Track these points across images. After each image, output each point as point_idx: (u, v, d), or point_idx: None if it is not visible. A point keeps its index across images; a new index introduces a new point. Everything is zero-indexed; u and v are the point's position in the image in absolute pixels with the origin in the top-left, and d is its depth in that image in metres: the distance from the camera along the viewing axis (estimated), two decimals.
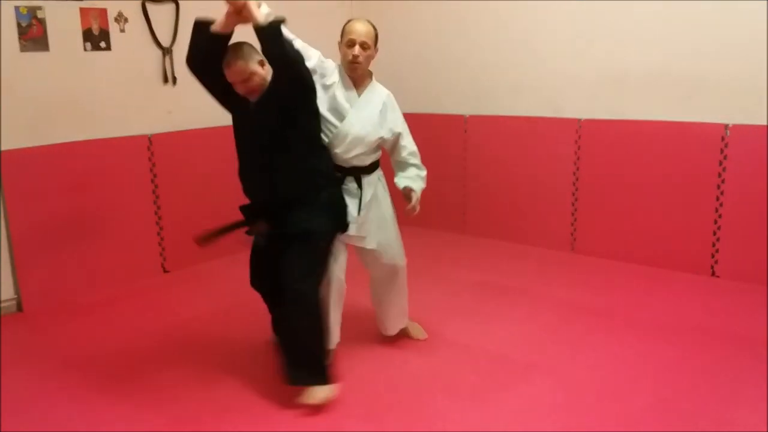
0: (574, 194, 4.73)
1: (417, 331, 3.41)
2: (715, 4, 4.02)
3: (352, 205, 2.98)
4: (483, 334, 3.45)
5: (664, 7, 4.19)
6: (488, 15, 5.01)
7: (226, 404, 2.83)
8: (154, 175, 4.48)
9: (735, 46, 3.98)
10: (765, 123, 3.92)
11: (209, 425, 2.69)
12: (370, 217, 3.04)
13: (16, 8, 3.79)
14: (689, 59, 4.17)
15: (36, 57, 3.90)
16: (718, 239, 4.17)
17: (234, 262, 4.80)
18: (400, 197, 3.13)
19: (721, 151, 4.08)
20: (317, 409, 2.72)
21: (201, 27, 2.68)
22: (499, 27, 4.94)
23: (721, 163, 4.09)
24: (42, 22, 3.90)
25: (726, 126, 4.05)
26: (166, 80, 4.51)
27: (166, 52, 4.48)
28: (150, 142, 4.44)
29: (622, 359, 3.14)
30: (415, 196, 3.05)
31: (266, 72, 2.73)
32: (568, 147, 4.68)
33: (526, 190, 4.92)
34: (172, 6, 4.49)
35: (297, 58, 2.65)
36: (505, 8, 4.91)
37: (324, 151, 2.94)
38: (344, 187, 2.99)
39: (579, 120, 4.62)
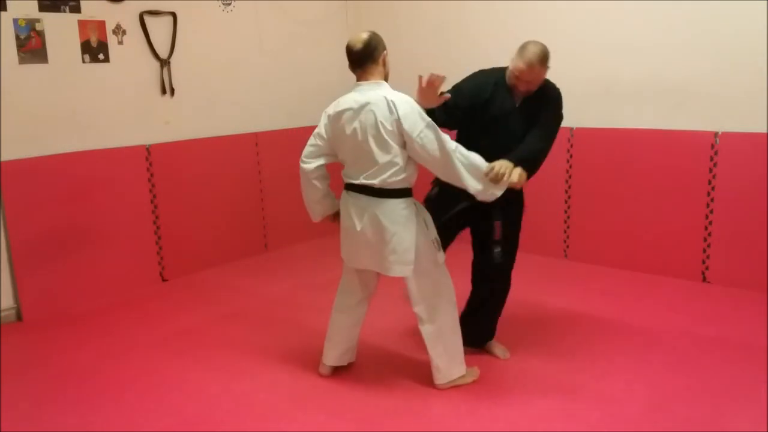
0: (566, 202, 4.79)
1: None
2: (704, 13, 4.08)
3: None
4: None
5: (654, 17, 4.26)
6: (482, 26, 5.07)
7: (228, 408, 2.87)
8: (152, 185, 4.52)
9: (724, 55, 4.05)
10: (754, 130, 3.99)
11: (209, 427, 2.73)
12: None
13: (15, 20, 3.84)
14: (679, 68, 4.23)
15: (35, 69, 3.95)
16: (708, 245, 4.22)
17: (232, 270, 4.85)
18: None
19: (711, 158, 4.14)
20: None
21: None
22: (493, 38, 4.99)
23: (711, 170, 4.15)
24: (41, 35, 3.94)
25: (716, 134, 4.11)
26: (164, 91, 4.56)
27: (164, 63, 4.53)
28: (148, 152, 4.49)
29: (615, 365, 3.18)
30: None
31: None
32: (560, 155, 4.73)
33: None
34: (169, 18, 4.55)
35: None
36: (498, 20, 4.97)
37: None
38: None
39: (571, 129, 4.67)
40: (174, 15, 4.56)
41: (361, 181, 2.75)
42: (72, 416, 2.86)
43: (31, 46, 3.92)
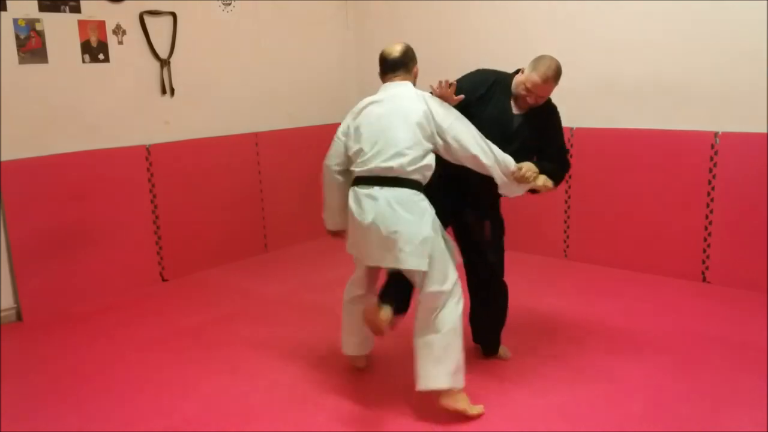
0: (566, 201, 4.78)
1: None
2: (704, 14, 4.08)
3: None
4: None
5: (655, 17, 4.26)
6: (483, 26, 5.07)
7: (225, 410, 2.87)
8: (152, 185, 4.52)
9: (724, 56, 4.04)
10: (754, 130, 3.98)
11: (209, 427, 2.73)
12: None
13: (15, 20, 3.83)
14: (679, 68, 4.23)
15: (35, 69, 3.95)
16: (708, 245, 4.22)
17: (232, 270, 4.85)
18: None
19: (711, 158, 4.14)
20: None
21: None
22: (493, 37, 5.00)
23: (711, 171, 4.15)
24: (41, 35, 3.94)
25: (715, 134, 4.11)
26: (164, 91, 4.56)
27: (164, 63, 4.53)
28: (148, 152, 4.48)
29: (615, 365, 3.18)
30: None
31: None
32: None
33: (519, 197, 4.96)
34: (169, 18, 4.55)
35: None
36: (498, 20, 4.97)
37: None
38: None
39: (571, 129, 4.67)
40: (174, 15, 4.56)
41: (378, 164, 2.66)
42: (72, 416, 2.85)
43: (31, 46, 3.92)
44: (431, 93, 2.77)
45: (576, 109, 4.67)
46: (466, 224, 3.12)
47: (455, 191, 3.00)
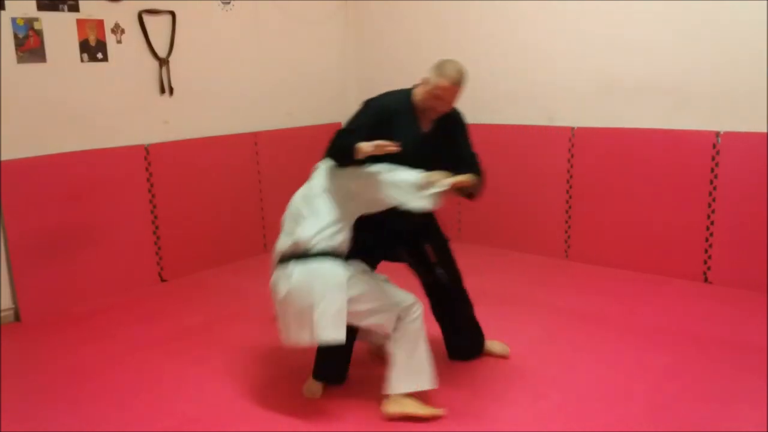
0: (567, 201, 4.77)
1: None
2: (705, 14, 4.07)
3: None
4: None
5: (656, 16, 4.25)
6: (484, 25, 5.05)
7: (224, 410, 2.86)
8: (151, 185, 4.50)
9: (726, 54, 4.03)
10: (756, 130, 3.97)
11: (208, 428, 2.72)
12: None
13: (13, 19, 3.82)
14: (681, 68, 4.21)
15: (33, 68, 3.93)
16: (710, 246, 4.20)
17: (231, 271, 4.83)
18: None
19: (713, 158, 4.12)
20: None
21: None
22: (494, 37, 4.98)
23: (713, 170, 4.13)
24: (39, 34, 3.93)
25: (717, 133, 4.09)
26: (162, 90, 4.54)
27: (163, 62, 4.51)
28: (147, 151, 4.47)
29: (617, 365, 3.16)
30: None
31: None
32: (561, 155, 4.72)
33: (520, 197, 4.96)
34: (168, 17, 4.53)
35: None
36: (499, 19, 4.96)
37: None
38: None
39: (572, 128, 4.66)
40: (173, 14, 4.54)
41: (288, 242, 2.73)
42: (71, 417, 2.84)
43: (30, 45, 3.91)
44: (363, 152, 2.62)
45: (577, 108, 4.66)
46: (409, 261, 3.09)
47: (383, 237, 2.94)
